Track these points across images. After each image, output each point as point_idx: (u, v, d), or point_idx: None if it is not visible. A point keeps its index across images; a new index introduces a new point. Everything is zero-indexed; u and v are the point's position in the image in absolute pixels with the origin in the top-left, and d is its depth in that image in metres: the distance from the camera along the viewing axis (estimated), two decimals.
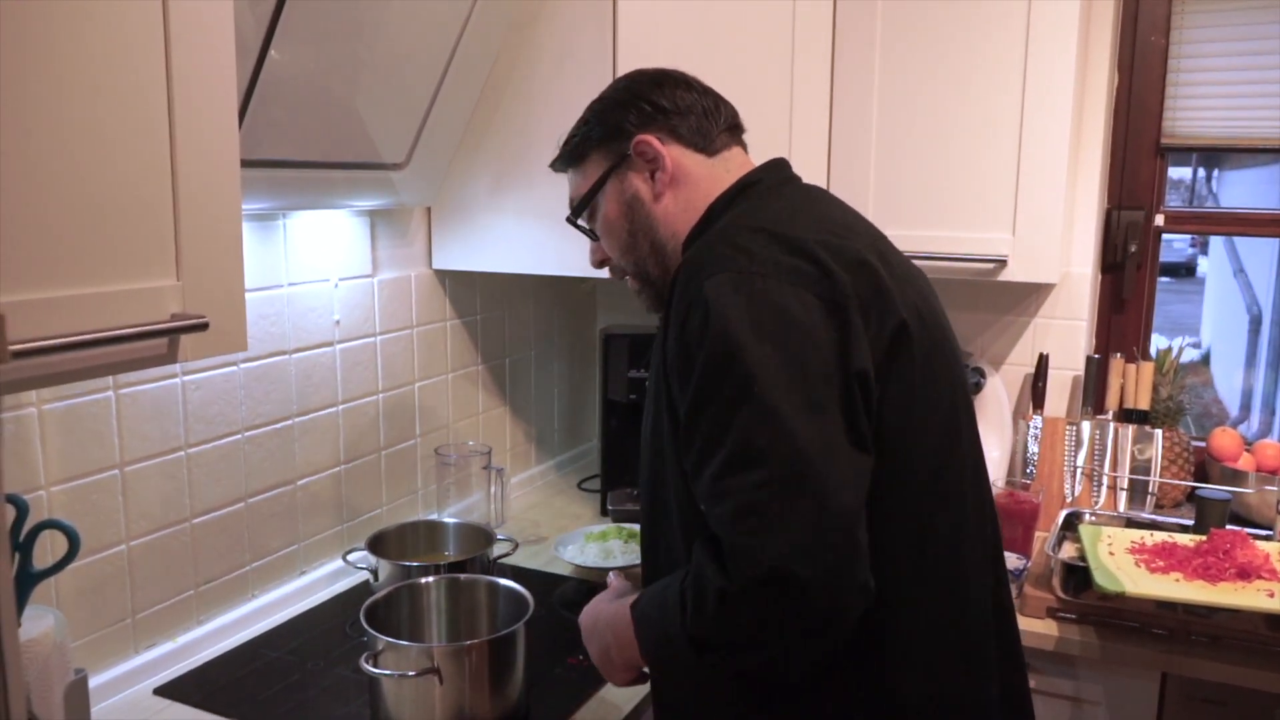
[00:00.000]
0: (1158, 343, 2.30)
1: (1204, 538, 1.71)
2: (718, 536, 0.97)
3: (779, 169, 1.24)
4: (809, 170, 1.50)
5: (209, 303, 0.99)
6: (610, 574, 1.31)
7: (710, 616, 0.97)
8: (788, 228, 1.07)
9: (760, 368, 0.96)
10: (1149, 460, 2.07)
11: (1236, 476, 2.02)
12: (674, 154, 1.20)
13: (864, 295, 1.03)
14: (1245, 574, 1.59)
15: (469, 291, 2.15)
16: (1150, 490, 2.06)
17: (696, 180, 1.20)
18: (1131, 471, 2.08)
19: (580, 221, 1.29)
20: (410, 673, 1.27)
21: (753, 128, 1.29)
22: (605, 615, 1.19)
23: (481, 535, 1.77)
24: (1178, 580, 1.60)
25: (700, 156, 1.21)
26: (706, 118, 1.22)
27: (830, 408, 0.98)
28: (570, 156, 1.27)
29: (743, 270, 1.01)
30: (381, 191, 1.80)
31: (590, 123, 1.24)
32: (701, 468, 1.00)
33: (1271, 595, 1.54)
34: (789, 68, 1.91)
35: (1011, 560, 1.70)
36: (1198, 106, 2.14)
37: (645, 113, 1.21)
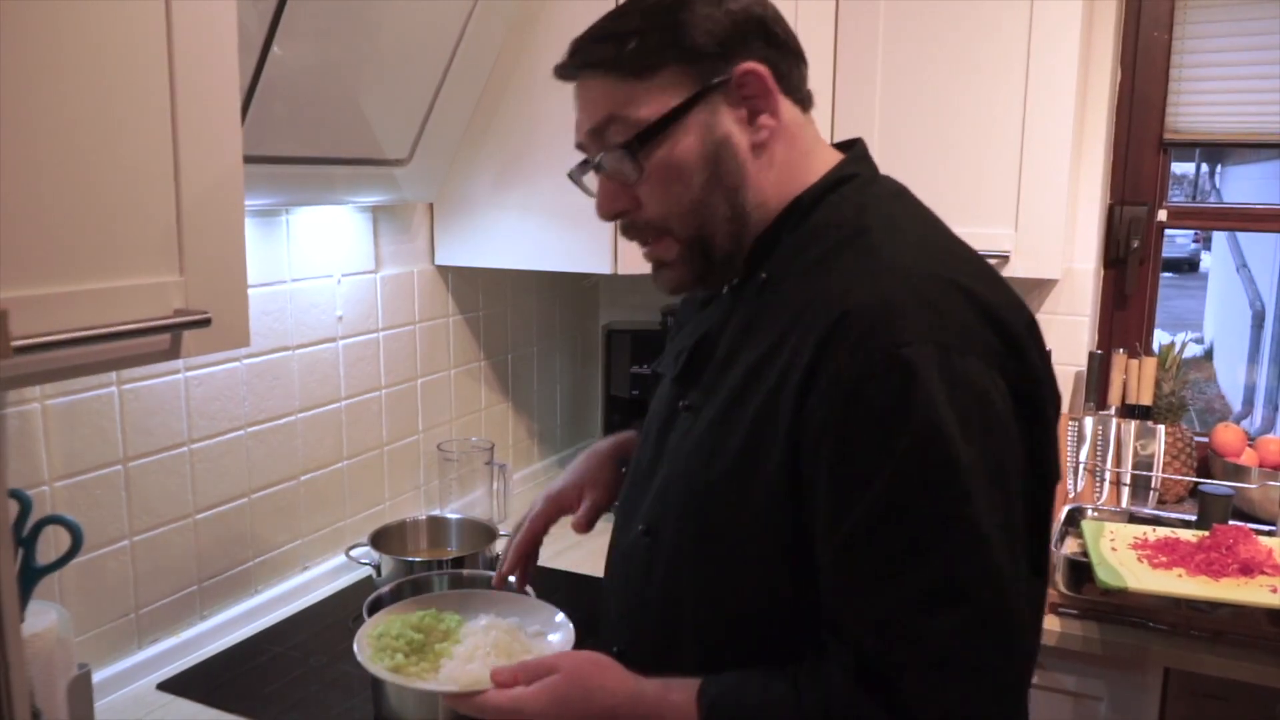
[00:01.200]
0: (1160, 338, 2.30)
1: (1206, 533, 1.70)
2: (888, 680, 0.82)
3: (867, 158, 0.99)
4: None
5: (212, 298, 0.99)
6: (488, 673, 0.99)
7: None
8: (962, 272, 0.86)
9: (972, 480, 0.80)
10: (1151, 456, 2.07)
11: (1239, 472, 2.02)
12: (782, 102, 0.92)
13: (1046, 374, 0.88)
14: (1248, 569, 1.59)
15: (471, 287, 2.15)
16: (1153, 486, 2.06)
17: (800, 144, 0.93)
18: (1134, 467, 2.07)
19: (600, 157, 0.93)
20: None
21: None
22: (646, 702, 0.90)
23: (484, 531, 1.77)
24: (1180, 576, 1.60)
25: (800, 113, 0.94)
26: (801, 61, 0.94)
27: (1021, 528, 0.85)
28: (628, 63, 0.90)
29: (941, 342, 0.80)
30: (384, 187, 1.80)
31: (665, 27, 0.89)
32: (879, 589, 0.83)
33: (1274, 591, 1.53)
34: None
35: None
36: (1200, 102, 2.13)
37: (749, 34, 0.90)
